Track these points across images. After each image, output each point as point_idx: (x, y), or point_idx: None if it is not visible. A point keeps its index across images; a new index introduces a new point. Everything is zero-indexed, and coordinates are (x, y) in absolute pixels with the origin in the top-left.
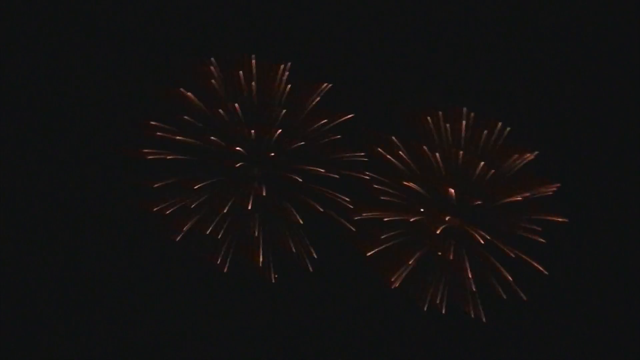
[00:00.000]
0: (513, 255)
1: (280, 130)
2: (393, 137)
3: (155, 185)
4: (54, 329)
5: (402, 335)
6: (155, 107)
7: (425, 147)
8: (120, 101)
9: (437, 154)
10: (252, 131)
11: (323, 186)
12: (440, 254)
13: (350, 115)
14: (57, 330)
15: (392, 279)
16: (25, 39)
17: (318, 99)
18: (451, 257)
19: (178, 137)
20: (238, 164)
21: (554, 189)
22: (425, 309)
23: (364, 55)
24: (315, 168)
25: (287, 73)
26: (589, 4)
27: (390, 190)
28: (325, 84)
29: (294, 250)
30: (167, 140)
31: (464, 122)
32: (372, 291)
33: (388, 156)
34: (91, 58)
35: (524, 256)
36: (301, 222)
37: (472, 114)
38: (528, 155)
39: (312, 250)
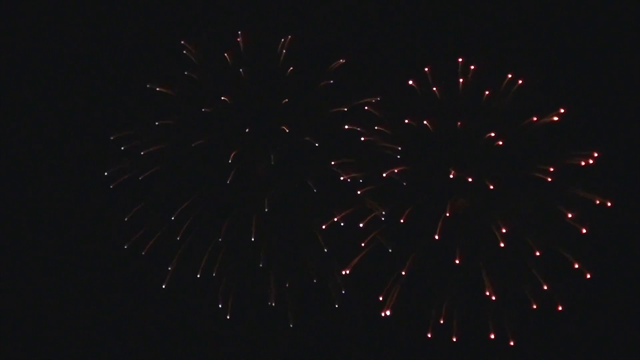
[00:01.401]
0: (538, 253)
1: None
2: (366, 107)
3: (127, 218)
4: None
5: None
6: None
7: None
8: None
9: (427, 123)
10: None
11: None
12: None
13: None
14: None
15: (381, 299)
16: None
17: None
18: (457, 262)
19: (144, 152)
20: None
21: (590, 161)
22: (429, 335)
23: None
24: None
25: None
26: None
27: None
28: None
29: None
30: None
31: (461, 80)
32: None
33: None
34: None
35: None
36: (325, 250)
37: (472, 67)
38: (551, 116)
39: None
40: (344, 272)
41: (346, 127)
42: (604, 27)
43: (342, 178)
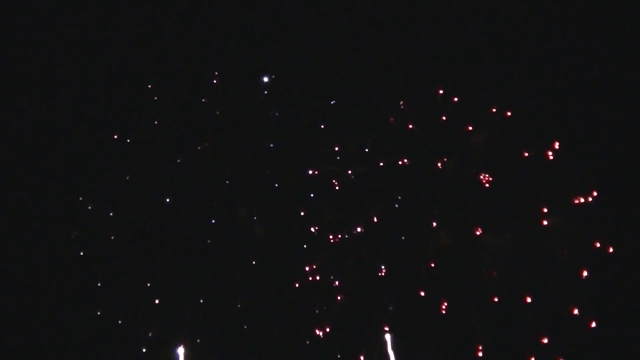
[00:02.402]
0: (529, 300)
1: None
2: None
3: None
4: None
5: None
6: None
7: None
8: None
9: (406, 161)
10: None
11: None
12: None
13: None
14: None
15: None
16: None
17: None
18: (443, 311)
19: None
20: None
21: (590, 198)
22: None
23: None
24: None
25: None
26: None
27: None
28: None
29: None
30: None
31: (443, 117)
32: None
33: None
34: None
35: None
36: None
37: (455, 99)
38: (544, 151)
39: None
40: (318, 333)
41: (310, 172)
42: (595, 53)
43: (313, 230)
